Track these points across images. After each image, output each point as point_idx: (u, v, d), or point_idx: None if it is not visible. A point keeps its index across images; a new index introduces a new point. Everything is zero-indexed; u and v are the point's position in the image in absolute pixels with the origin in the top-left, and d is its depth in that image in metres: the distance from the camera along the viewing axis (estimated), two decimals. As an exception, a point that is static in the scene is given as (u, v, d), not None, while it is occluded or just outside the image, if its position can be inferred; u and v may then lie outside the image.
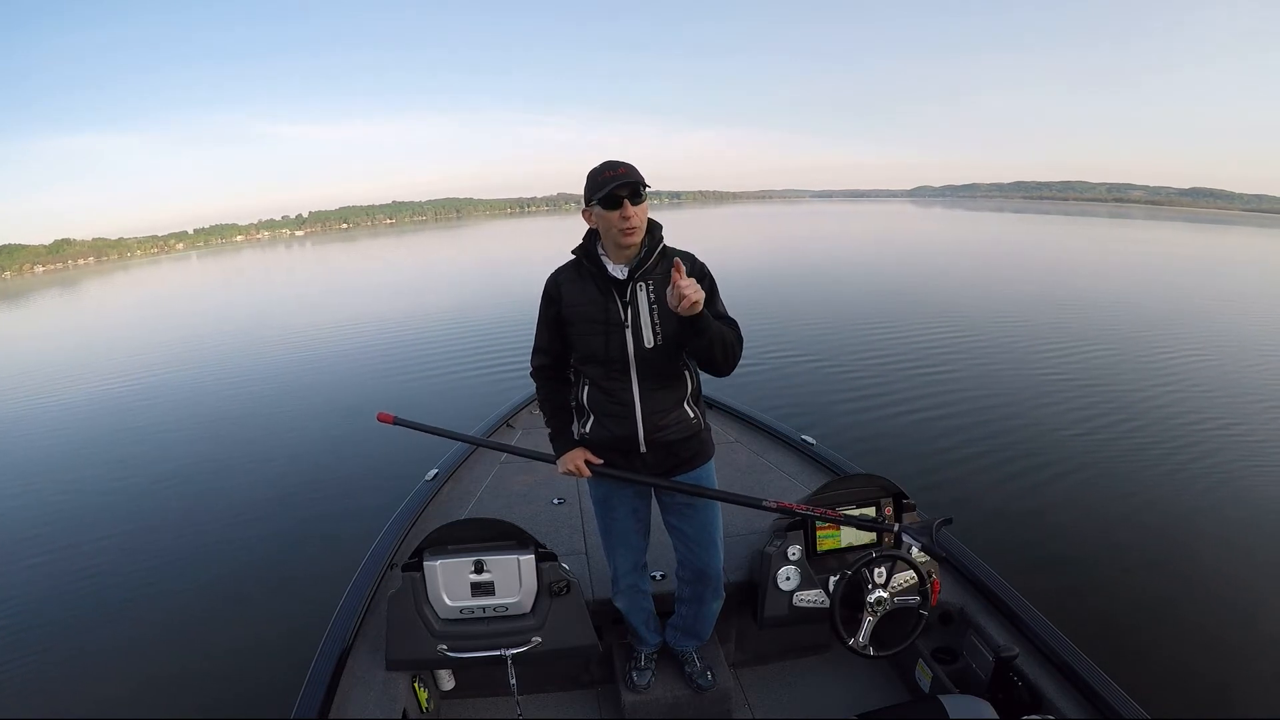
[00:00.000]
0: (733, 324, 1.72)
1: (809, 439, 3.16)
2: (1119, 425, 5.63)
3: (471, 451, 3.26)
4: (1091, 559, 3.68)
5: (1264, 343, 8.84)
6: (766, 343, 8.69)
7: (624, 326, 1.67)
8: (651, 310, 1.67)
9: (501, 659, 1.89)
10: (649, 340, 1.67)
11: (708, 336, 1.58)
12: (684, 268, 1.49)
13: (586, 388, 1.78)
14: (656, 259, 1.68)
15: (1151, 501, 4.32)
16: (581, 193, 1.64)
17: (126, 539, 4.53)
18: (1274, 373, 7.35)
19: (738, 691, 2.30)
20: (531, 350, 1.87)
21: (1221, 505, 4.25)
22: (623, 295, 1.67)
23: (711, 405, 3.61)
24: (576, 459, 1.81)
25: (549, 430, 1.90)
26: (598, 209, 1.60)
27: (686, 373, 1.78)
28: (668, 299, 1.51)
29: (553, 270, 1.79)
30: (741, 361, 1.70)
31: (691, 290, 1.46)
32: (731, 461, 3.08)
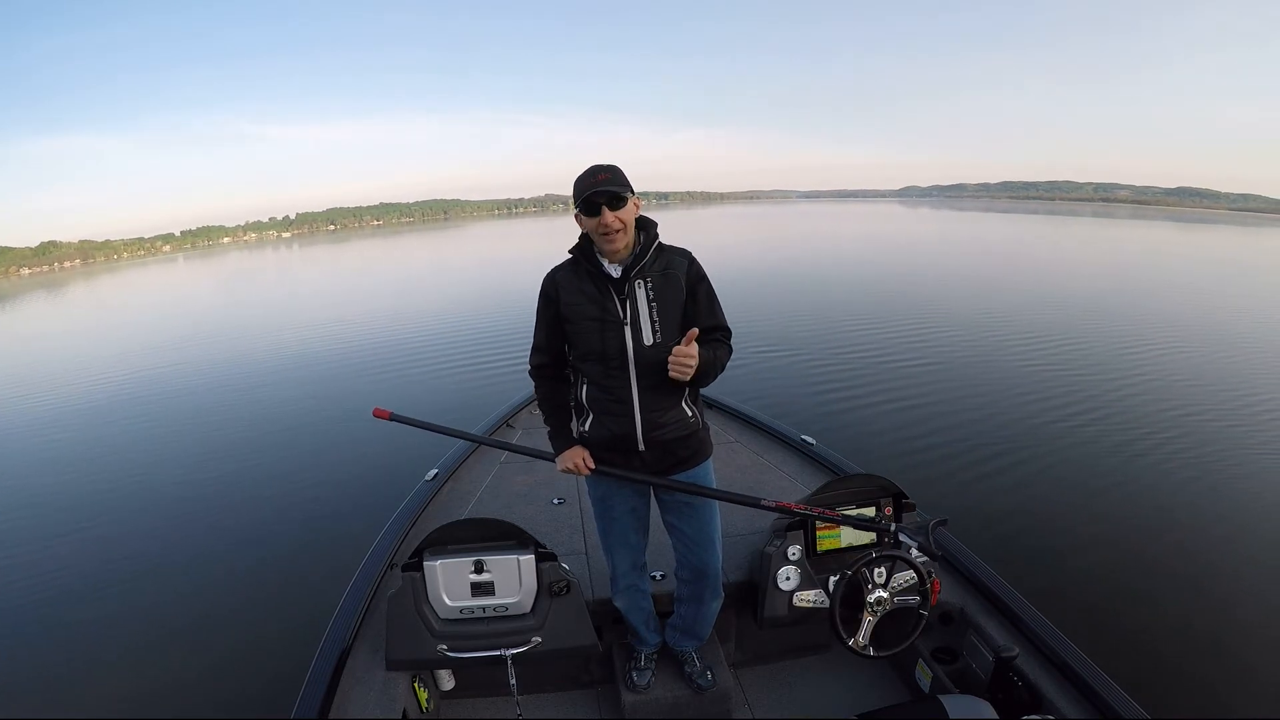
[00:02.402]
0: (725, 335, 1.79)
1: (809, 439, 3.16)
2: (1120, 425, 5.67)
3: (471, 451, 3.25)
4: (1092, 559, 3.69)
5: (1261, 340, 8.96)
6: (766, 343, 8.70)
7: (622, 323, 1.68)
8: (651, 308, 1.68)
9: (501, 659, 1.89)
10: (648, 338, 1.68)
11: (705, 378, 1.72)
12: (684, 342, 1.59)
13: (585, 386, 1.79)
14: (653, 256, 1.70)
15: (1153, 501, 4.34)
16: (568, 193, 1.67)
17: (124, 540, 4.49)
18: (1270, 369, 7.43)
19: (738, 691, 2.30)
20: (530, 349, 1.88)
21: (1222, 505, 4.28)
22: (620, 292, 1.69)
23: (711, 405, 3.60)
24: (575, 457, 1.81)
25: (548, 429, 1.90)
26: (580, 214, 1.64)
27: None
28: (669, 370, 1.61)
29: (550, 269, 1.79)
30: (741, 361, 1.72)
31: (690, 361, 1.59)
32: (731, 461, 3.08)
